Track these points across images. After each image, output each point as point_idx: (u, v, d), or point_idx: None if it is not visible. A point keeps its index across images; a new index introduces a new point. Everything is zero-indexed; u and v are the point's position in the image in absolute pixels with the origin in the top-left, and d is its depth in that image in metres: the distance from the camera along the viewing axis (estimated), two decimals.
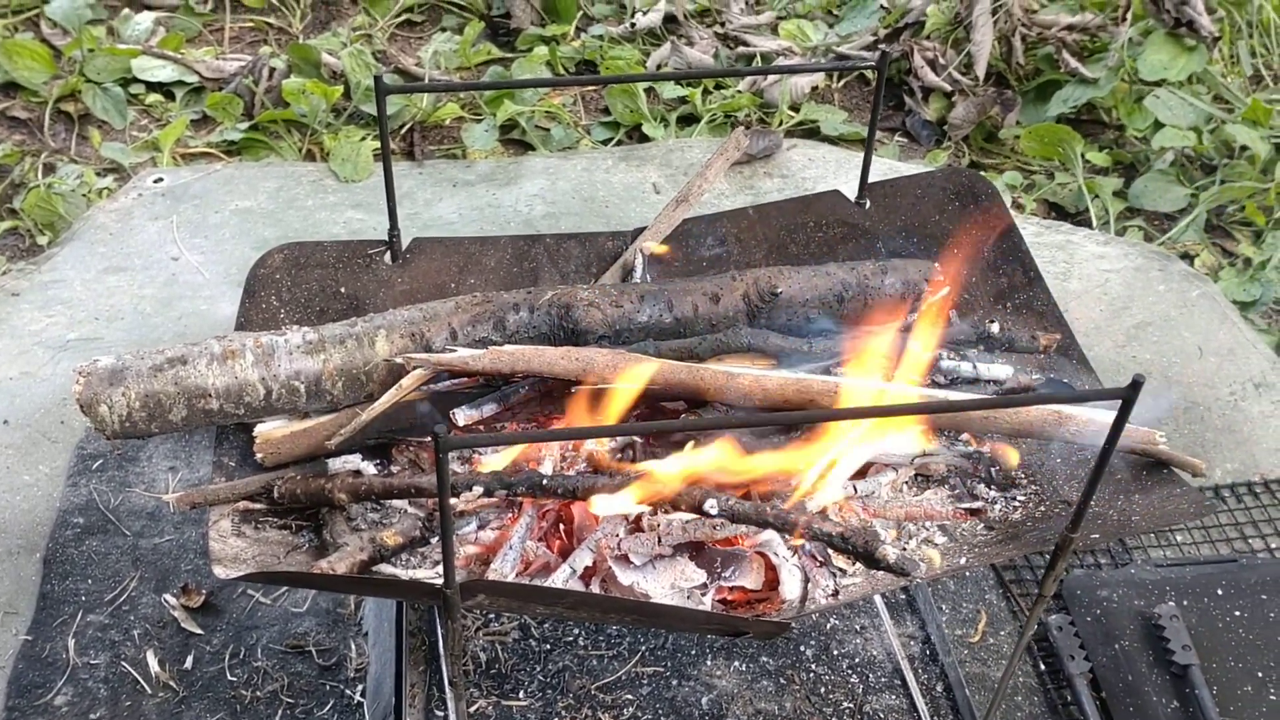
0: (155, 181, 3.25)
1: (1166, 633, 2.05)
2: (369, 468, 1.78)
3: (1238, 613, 2.11)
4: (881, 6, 4.11)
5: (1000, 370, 1.90)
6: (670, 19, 4.09)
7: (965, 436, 1.87)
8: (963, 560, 1.69)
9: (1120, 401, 1.34)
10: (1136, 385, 1.33)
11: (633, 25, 4.03)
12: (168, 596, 2.15)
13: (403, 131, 3.58)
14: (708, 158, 2.26)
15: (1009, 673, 1.67)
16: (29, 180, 3.32)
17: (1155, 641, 2.06)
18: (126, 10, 4.02)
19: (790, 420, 1.79)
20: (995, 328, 1.92)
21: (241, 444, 1.78)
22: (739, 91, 3.77)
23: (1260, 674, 2.03)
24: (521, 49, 3.97)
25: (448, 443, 1.21)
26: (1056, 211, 3.41)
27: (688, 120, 3.71)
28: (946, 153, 3.60)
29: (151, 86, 3.71)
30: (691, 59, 3.88)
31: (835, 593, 1.67)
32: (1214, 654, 2.05)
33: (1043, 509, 1.77)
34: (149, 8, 4.06)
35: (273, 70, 3.68)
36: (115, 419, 1.64)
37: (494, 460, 1.80)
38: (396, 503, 1.76)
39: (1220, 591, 2.15)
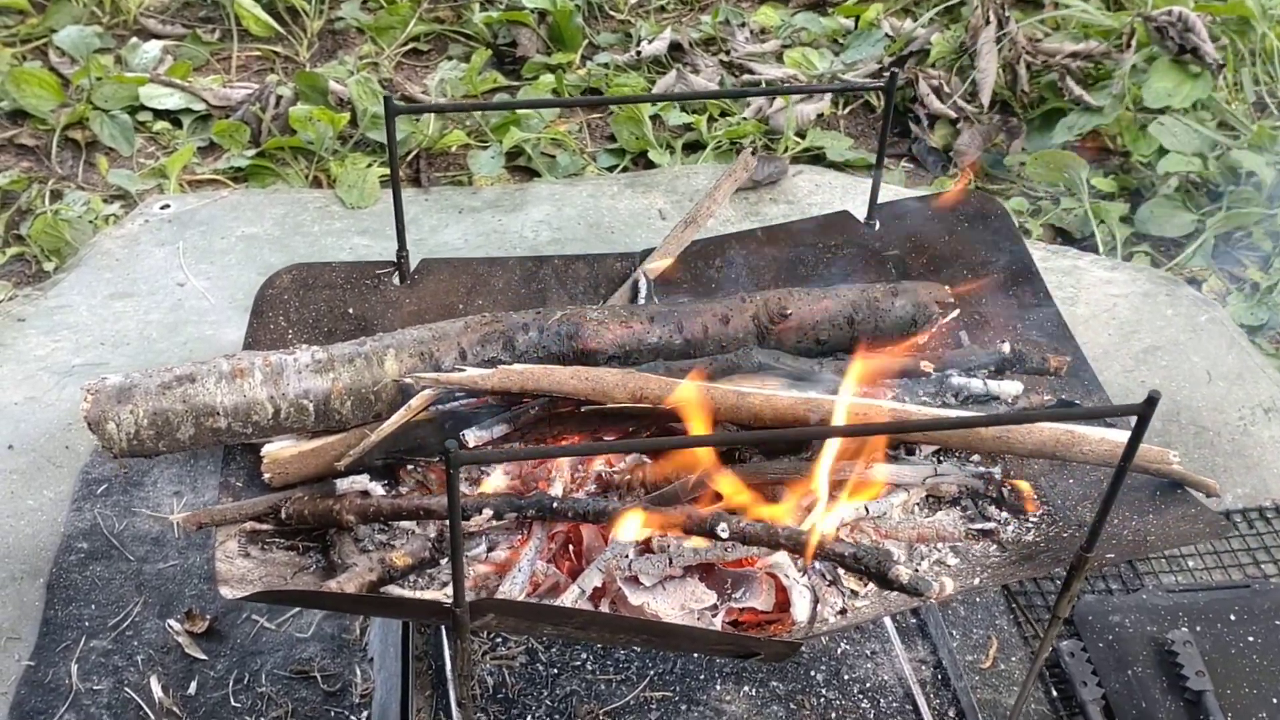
0: (162, 208, 3.25)
1: (1180, 659, 2.03)
2: (377, 488, 1.77)
3: (1251, 638, 2.09)
4: (886, 35, 4.13)
5: (1011, 387, 1.89)
6: (675, 47, 4.12)
7: (977, 456, 1.85)
8: (976, 581, 1.67)
9: (1135, 418, 1.33)
10: (1152, 402, 1.32)
11: (638, 53, 4.05)
12: (172, 622, 2.14)
13: (409, 158, 3.58)
14: (715, 180, 2.26)
15: (1023, 698, 1.66)
16: (36, 207, 3.33)
17: (1168, 667, 2.03)
18: (134, 39, 4.04)
19: (798, 437, 1.78)
20: (1006, 348, 1.91)
21: (249, 464, 1.76)
22: (744, 118, 3.78)
23: (1275, 700, 2.01)
24: (527, 77, 3.98)
25: (458, 458, 1.20)
26: (1063, 237, 3.41)
27: (693, 147, 3.72)
28: (953, 179, 3.60)
29: (159, 114, 3.72)
30: (697, 86, 3.89)
31: (843, 610, 1.65)
32: (1228, 680, 2.03)
33: (1056, 529, 1.75)
34: (157, 36, 4.08)
35: (280, 98, 3.69)
36: (123, 437, 1.63)
37: (503, 482, 1.79)
38: (404, 524, 1.75)
39: (1233, 617, 2.13)
